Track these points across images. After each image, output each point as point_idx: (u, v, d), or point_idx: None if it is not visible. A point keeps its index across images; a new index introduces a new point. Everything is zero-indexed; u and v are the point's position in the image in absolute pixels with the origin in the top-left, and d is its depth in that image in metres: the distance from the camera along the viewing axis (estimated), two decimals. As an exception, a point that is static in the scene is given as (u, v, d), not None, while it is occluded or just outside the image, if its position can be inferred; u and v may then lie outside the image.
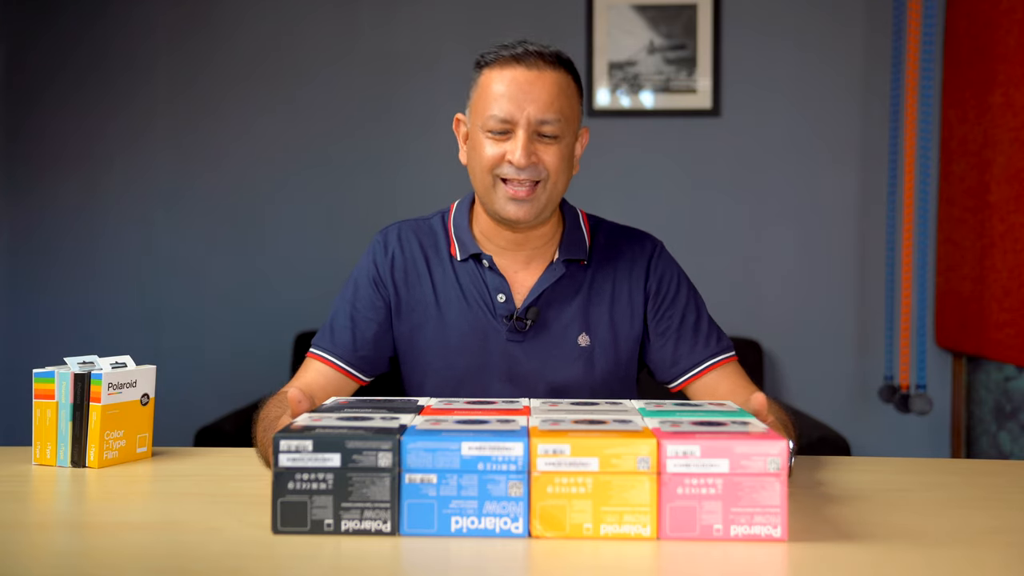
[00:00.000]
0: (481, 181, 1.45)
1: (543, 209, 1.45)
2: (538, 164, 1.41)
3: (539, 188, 1.43)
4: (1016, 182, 2.66)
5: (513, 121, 1.40)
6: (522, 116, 1.40)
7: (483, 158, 1.42)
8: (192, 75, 3.30)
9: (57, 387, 1.32)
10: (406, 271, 1.53)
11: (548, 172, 1.42)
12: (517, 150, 1.39)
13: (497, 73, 1.42)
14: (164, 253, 3.32)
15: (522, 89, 1.40)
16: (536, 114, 1.40)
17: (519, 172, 1.40)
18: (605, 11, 3.19)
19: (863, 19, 3.19)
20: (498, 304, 1.49)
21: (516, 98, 1.40)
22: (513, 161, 1.39)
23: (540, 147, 1.41)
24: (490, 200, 1.45)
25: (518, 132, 1.40)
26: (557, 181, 1.44)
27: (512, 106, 1.40)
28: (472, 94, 1.48)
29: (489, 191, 1.44)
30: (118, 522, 1.05)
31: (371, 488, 0.96)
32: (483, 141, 1.43)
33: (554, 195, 1.45)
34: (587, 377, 1.50)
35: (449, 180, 3.17)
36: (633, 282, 1.53)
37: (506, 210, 1.43)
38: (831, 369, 3.21)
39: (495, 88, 1.41)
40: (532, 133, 1.41)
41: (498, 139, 1.42)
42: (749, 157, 3.21)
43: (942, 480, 1.26)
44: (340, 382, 1.52)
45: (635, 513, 0.95)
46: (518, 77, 1.41)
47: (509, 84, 1.41)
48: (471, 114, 1.48)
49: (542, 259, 1.53)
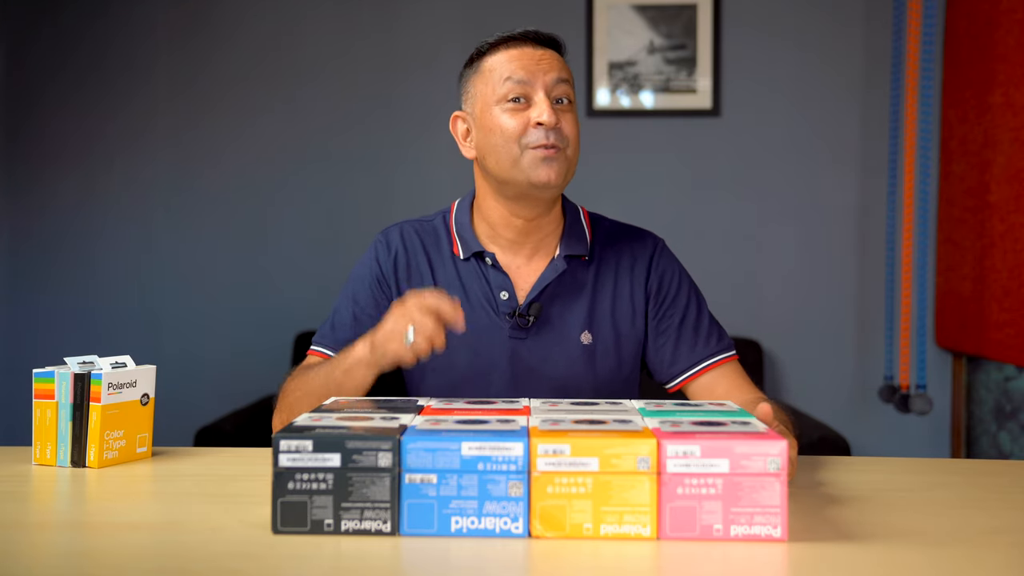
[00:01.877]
0: (507, 155, 1.42)
1: (567, 173, 1.44)
2: (561, 129, 1.42)
3: (561, 153, 1.42)
4: (1016, 182, 2.66)
5: (532, 84, 1.41)
6: (539, 80, 1.42)
7: (506, 130, 1.41)
8: (192, 75, 3.30)
9: (57, 387, 1.32)
10: (409, 270, 1.53)
11: (569, 139, 1.43)
12: (544, 111, 1.39)
13: (503, 53, 1.45)
14: (164, 253, 3.32)
15: (533, 59, 1.43)
16: (553, 77, 1.42)
17: (547, 135, 1.40)
18: (605, 11, 3.19)
19: (863, 19, 3.19)
20: (501, 301, 1.49)
21: (529, 67, 1.42)
22: (542, 121, 1.39)
23: (559, 113, 1.42)
24: (518, 170, 1.42)
25: (538, 95, 1.41)
26: (575, 151, 1.45)
27: (527, 73, 1.42)
28: (472, 86, 1.48)
29: (517, 162, 1.42)
30: (118, 522, 1.05)
31: (371, 488, 0.96)
32: (500, 116, 1.42)
33: (573, 163, 1.46)
34: (589, 375, 1.50)
35: (449, 179, 3.17)
36: (635, 280, 1.53)
37: (538, 173, 1.41)
38: (831, 369, 3.21)
39: (505, 64, 1.43)
40: (551, 98, 1.42)
41: (517, 108, 1.42)
42: (749, 157, 3.21)
43: (942, 480, 1.26)
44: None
45: (635, 513, 0.95)
46: (526, 52, 1.44)
47: (519, 57, 1.43)
48: (476, 102, 1.47)
49: (544, 255, 1.53)
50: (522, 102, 1.42)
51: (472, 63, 1.50)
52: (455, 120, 1.52)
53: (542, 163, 1.41)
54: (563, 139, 1.41)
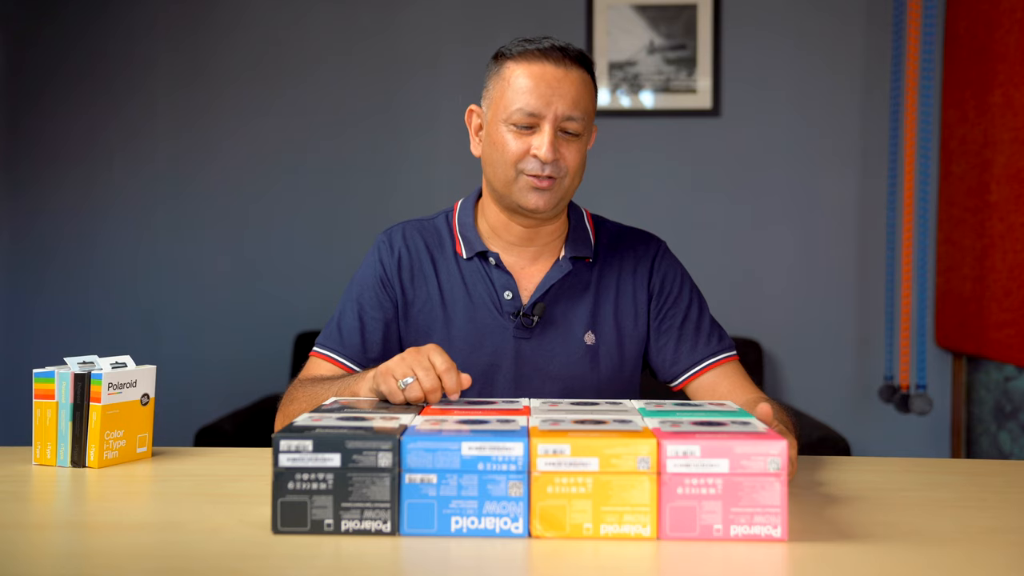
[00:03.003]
0: (503, 174, 1.44)
1: (560, 201, 1.46)
2: (559, 161, 1.42)
3: (557, 183, 1.43)
4: (1016, 182, 2.66)
5: (540, 116, 1.40)
6: (549, 112, 1.40)
7: (507, 152, 1.42)
8: (192, 75, 3.30)
9: (57, 387, 1.32)
10: (412, 270, 1.54)
11: (568, 170, 1.43)
12: (544, 145, 1.39)
13: (523, 67, 1.42)
14: (164, 252, 3.32)
15: (550, 85, 1.40)
16: (563, 111, 1.40)
17: (543, 167, 1.41)
18: (605, 11, 3.19)
19: (863, 19, 3.19)
20: (505, 301, 1.50)
21: (544, 94, 1.40)
22: (540, 155, 1.40)
23: (563, 144, 1.42)
24: (510, 192, 1.44)
25: (544, 127, 1.40)
26: (575, 178, 1.45)
27: (539, 102, 1.40)
28: (491, 85, 1.47)
29: (510, 184, 1.44)
30: (118, 522, 1.05)
31: (371, 488, 0.96)
32: (505, 135, 1.42)
33: (570, 192, 1.47)
34: (592, 375, 1.51)
35: (450, 179, 3.17)
36: (637, 282, 1.54)
37: (527, 199, 1.43)
38: (831, 369, 3.21)
39: (521, 82, 1.41)
40: (557, 129, 1.41)
41: (522, 133, 1.42)
42: (749, 157, 3.21)
43: (942, 480, 1.26)
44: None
45: (635, 513, 0.95)
46: (546, 73, 1.41)
47: (536, 79, 1.40)
48: (490, 106, 1.47)
49: (549, 256, 1.54)
50: (529, 128, 1.42)
51: (496, 60, 1.48)
52: (470, 113, 1.52)
53: (533, 191, 1.42)
54: (560, 170, 1.42)
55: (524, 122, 1.41)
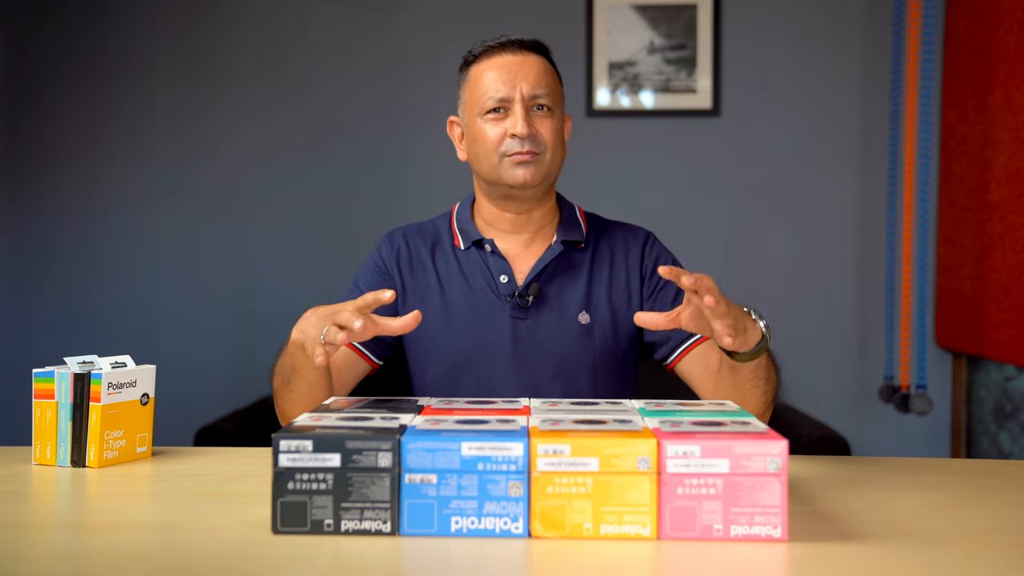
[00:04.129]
0: (487, 162, 1.53)
1: (546, 175, 1.54)
2: (536, 136, 1.51)
3: (539, 157, 1.53)
4: (1016, 182, 2.66)
5: (509, 99, 1.51)
6: (515, 92, 1.51)
7: (487, 140, 1.53)
8: (192, 73, 3.30)
9: (57, 387, 1.32)
10: (411, 262, 1.62)
11: (546, 144, 1.52)
12: (518, 122, 1.49)
13: (485, 63, 1.54)
14: (164, 252, 3.31)
15: (511, 70, 1.52)
16: (528, 90, 1.51)
17: (522, 143, 1.50)
18: (605, 11, 3.19)
19: (863, 19, 3.19)
20: (501, 284, 1.57)
21: (507, 79, 1.51)
22: (516, 132, 1.49)
23: (536, 120, 1.52)
24: (498, 175, 1.53)
25: (515, 107, 1.51)
26: (555, 153, 1.54)
27: (506, 86, 1.51)
28: (463, 92, 1.58)
29: (496, 168, 1.53)
30: (118, 522, 1.05)
31: (371, 488, 0.96)
32: (483, 126, 1.53)
33: (552, 167, 1.55)
34: (587, 352, 1.56)
35: (450, 180, 3.17)
36: (630, 265, 1.62)
37: (514, 175, 1.51)
38: (831, 369, 3.21)
39: (487, 75, 1.53)
40: (528, 107, 1.51)
41: (497, 119, 1.52)
42: (749, 157, 3.21)
43: (942, 480, 1.26)
44: (354, 361, 1.58)
45: (635, 513, 0.95)
46: (506, 61, 1.53)
47: (499, 68, 1.52)
48: (465, 109, 1.57)
49: (542, 241, 1.62)
50: (502, 112, 1.52)
51: (462, 70, 1.59)
52: (451, 124, 1.63)
53: (518, 167, 1.52)
54: (539, 144, 1.52)
55: (496, 107, 1.51)
